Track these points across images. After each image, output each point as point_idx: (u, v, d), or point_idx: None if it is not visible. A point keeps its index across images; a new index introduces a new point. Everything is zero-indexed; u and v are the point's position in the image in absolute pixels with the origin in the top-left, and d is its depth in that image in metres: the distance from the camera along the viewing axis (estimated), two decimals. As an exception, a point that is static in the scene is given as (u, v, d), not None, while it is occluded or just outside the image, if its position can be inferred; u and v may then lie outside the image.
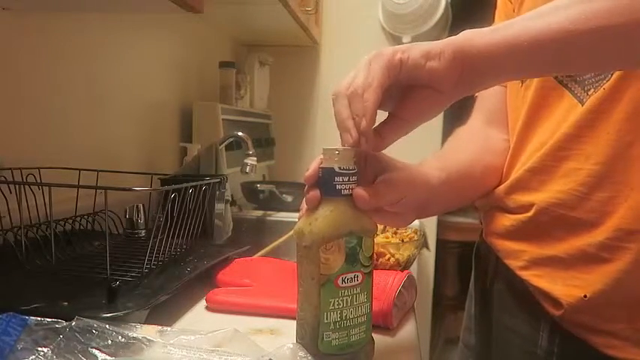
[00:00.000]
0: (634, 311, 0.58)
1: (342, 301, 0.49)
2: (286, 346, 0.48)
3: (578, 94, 0.62)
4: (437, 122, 1.96)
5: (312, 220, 0.49)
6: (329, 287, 0.49)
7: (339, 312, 0.49)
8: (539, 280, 0.65)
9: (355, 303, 0.50)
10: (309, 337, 0.50)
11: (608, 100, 0.59)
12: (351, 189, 0.50)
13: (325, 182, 0.50)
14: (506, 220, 0.70)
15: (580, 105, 0.61)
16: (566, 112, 0.63)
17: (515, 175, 0.68)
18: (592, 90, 0.61)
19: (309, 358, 0.47)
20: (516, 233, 0.69)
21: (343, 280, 0.49)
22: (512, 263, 0.69)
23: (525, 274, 0.67)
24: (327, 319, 0.49)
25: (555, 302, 0.63)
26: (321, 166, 0.51)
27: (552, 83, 0.65)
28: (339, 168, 0.49)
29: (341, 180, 0.49)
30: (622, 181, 0.58)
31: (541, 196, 0.65)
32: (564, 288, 0.62)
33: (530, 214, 0.66)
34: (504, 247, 0.71)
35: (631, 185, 0.58)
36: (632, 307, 0.58)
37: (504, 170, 0.72)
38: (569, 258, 0.62)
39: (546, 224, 0.64)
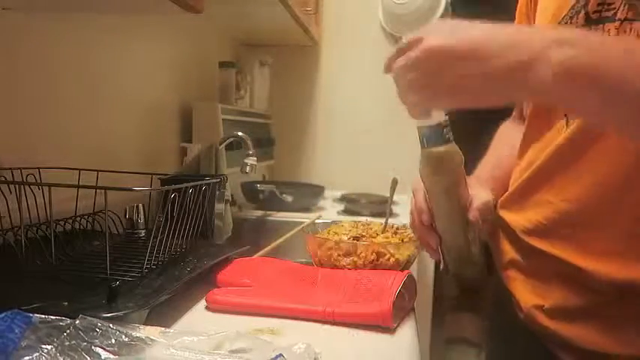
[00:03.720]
0: (589, 326, 0.59)
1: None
2: (297, 345, 0.49)
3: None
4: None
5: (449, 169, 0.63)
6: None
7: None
8: (513, 282, 0.70)
9: None
10: (465, 255, 0.68)
11: (575, 141, 0.60)
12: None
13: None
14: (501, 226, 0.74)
15: (565, 127, 0.62)
16: (557, 132, 0.63)
17: (506, 193, 0.72)
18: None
19: (317, 356, 0.48)
20: (503, 237, 0.72)
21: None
22: (497, 261, 0.74)
23: (503, 274, 0.72)
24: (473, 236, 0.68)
25: (518, 305, 0.68)
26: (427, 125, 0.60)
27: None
28: (444, 121, 0.61)
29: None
30: (581, 224, 0.59)
31: (516, 221, 0.68)
32: (529, 295, 0.66)
33: (510, 235, 0.70)
34: (495, 244, 0.75)
35: (588, 228, 0.58)
36: (588, 325, 0.59)
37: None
38: (536, 275, 0.65)
39: (521, 244, 0.67)
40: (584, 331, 0.59)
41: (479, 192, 0.69)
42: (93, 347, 0.48)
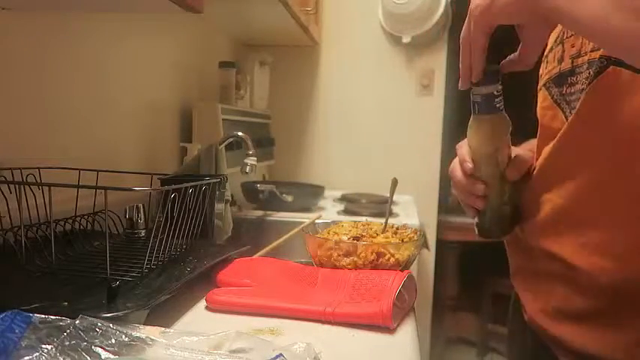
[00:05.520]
0: (584, 329, 0.60)
1: None
2: (297, 345, 0.49)
3: (567, 115, 0.63)
4: (436, 130, 1.96)
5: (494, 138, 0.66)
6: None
7: None
8: (520, 286, 0.72)
9: None
10: (497, 215, 0.71)
11: (568, 138, 0.61)
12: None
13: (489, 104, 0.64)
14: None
15: (566, 126, 0.62)
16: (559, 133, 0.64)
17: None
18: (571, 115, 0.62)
19: (317, 356, 0.48)
20: (511, 242, 0.74)
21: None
22: (510, 265, 0.76)
23: (513, 280, 0.74)
24: (506, 199, 0.70)
25: (524, 308, 0.71)
26: (481, 93, 0.63)
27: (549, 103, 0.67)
28: (497, 92, 0.63)
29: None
30: (575, 220, 0.60)
31: (523, 224, 0.69)
32: (532, 298, 0.68)
33: (517, 240, 0.71)
34: (509, 250, 0.76)
35: (581, 224, 0.59)
36: (583, 329, 0.60)
37: None
38: (538, 278, 0.67)
39: (526, 247, 0.69)
40: (580, 334, 0.60)
41: (519, 153, 0.70)
42: (93, 347, 0.48)
